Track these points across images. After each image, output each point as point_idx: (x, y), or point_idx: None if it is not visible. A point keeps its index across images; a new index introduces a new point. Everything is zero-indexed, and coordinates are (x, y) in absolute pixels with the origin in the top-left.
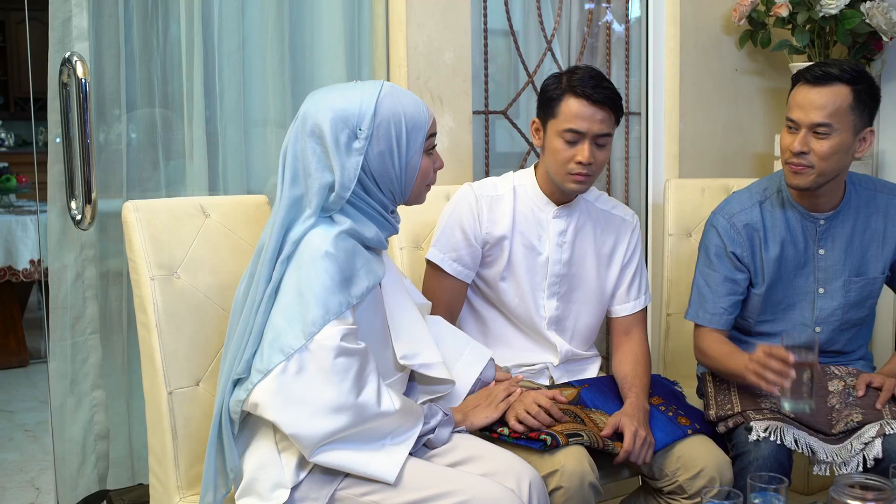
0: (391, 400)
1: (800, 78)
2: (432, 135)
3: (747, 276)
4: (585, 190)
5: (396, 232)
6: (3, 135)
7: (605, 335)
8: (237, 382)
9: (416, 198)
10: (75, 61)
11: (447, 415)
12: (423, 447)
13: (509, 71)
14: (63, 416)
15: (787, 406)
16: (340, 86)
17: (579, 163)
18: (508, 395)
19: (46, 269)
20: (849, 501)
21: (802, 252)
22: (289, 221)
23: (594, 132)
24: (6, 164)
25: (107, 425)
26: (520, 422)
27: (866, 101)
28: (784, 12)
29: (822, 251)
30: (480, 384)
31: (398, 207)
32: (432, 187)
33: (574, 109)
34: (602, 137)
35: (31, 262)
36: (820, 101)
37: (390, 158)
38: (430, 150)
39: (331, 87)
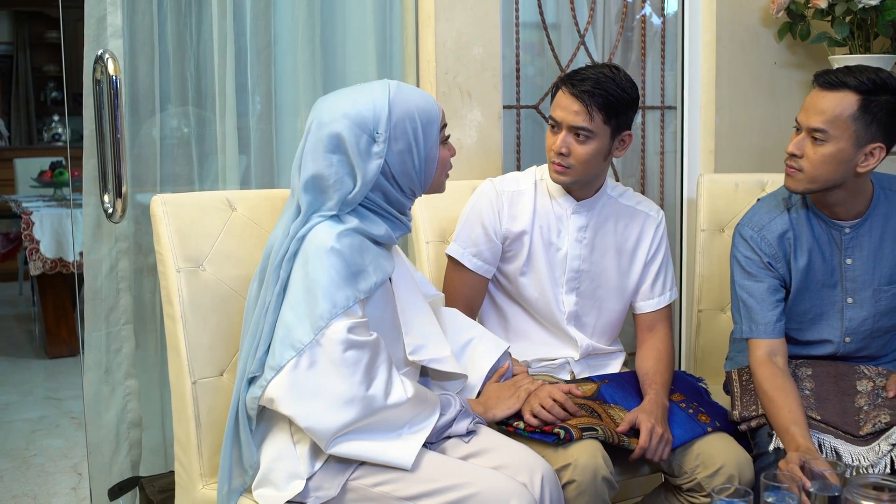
0: (403, 389)
1: (815, 79)
2: (444, 126)
3: (784, 283)
4: (566, 182)
5: (409, 231)
6: (59, 130)
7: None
8: (252, 380)
9: (438, 187)
10: (107, 59)
11: (464, 406)
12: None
13: (542, 65)
14: (98, 405)
15: None
16: (346, 90)
17: (555, 152)
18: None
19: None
20: (862, 502)
21: (829, 261)
22: (298, 225)
23: (569, 122)
24: (61, 159)
25: (140, 413)
26: (534, 416)
27: (877, 115)
28: (823, 4)
29: (849, 261)
30: (495, 374)
31: (417, 200)
32: (460, 182)
33: (557, 99)
34: (581, 131)
35: (80, 253)
36: (821, 106)
37: (410, 156)
38: (444, 140)
39: (336, 93)
